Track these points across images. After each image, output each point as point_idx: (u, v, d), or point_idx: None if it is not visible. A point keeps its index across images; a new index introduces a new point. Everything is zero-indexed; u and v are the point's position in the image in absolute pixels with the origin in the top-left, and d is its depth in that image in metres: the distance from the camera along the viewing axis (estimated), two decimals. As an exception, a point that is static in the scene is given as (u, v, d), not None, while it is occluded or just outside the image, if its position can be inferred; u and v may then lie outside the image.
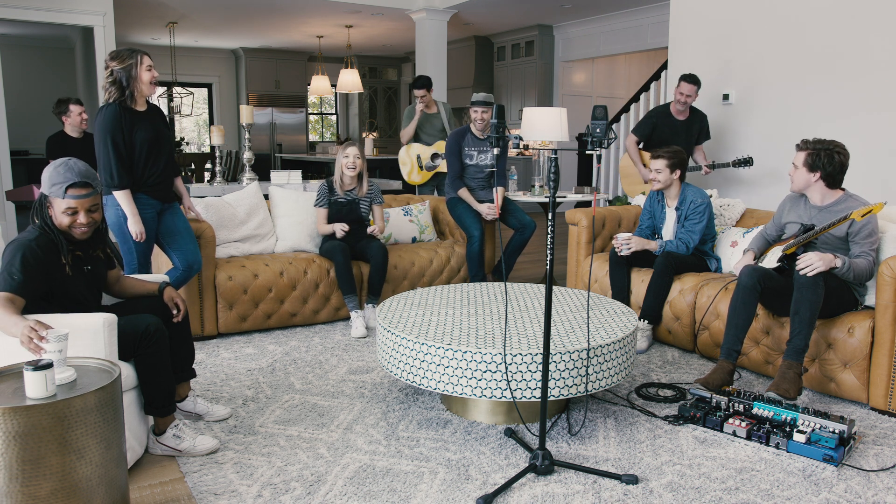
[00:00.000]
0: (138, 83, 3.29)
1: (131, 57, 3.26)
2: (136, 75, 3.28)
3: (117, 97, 3.29)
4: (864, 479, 2.41)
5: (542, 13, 9.28)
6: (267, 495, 2.25)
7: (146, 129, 3.36)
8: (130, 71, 3.26)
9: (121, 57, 3.26)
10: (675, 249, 3.82)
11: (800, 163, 3.13)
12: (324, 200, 4.32)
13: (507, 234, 6.03)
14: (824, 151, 3.05)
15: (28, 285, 2.24)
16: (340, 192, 4.31)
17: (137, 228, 3.35)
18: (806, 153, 3.11)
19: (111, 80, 3.28)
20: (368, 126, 13.45)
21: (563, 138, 2.78)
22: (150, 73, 3.32)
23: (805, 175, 3.13)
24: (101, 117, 3.29)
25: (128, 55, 3.26)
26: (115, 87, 3.28)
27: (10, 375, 2.02)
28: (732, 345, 3.11)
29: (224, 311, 3.96)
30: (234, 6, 8.85)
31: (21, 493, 1.78)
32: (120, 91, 3.28)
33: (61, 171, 2.35)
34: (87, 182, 2.38)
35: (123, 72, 3.26)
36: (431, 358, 2.60)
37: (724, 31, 5.34)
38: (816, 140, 3.11)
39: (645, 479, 2.38)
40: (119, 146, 3.28)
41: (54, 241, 2.36)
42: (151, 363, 2.41)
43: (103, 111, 3.31)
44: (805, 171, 3.12)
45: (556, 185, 2.36)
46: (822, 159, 3.06)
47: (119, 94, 3.29)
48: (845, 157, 3.07)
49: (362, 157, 4.30)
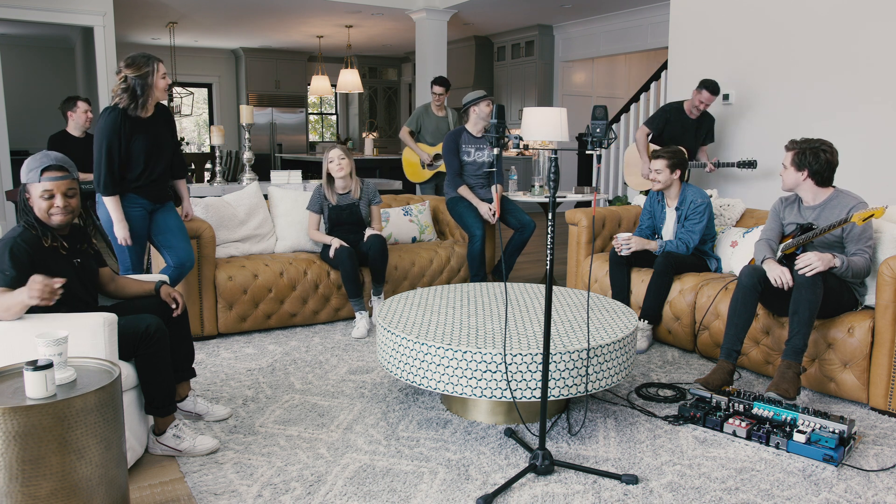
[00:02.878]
0: (153, 91, 3.25)
1: (148, 64, 3.20)
2: (152, 83, 3.23)
3: (127, 104, 3.23)
4: (864, 479, 2.41)
5: (542, 13, 9.27)
6: (267, 495, 2.25)
7: (145, 138, 3.32)
8: (147, 79, 3.21)
9: (137, 64, 3.19)
10: (675, 249, 3.82)
11: (788, 163, 3.19)
12: (317, 205, 4.29)
13: (507, 233, 6.03)
14: (809, 150, 3.10)
15: (22, 280, 2.24)
16: (332, 198, 4.27)
17: (123, 234, 3.34)
18: (793, 153, 3.17)
19: (124, 86, 3.21)
20: (368, 126, 13.45)
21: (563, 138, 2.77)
22: (165, 81, 3.29)
23: (794, 174, 3.18)
24: (102, 122, 3.26)
25: (144, 62, 3.19)
26: (127, 94, 3.22)
27: (10, 375, 2.02)
28: (732, 345, 3.11)
29: (224, 311, 3.96)
30: (234, 6, 8.85)
31: (21, 493, 1.78)
32: (132, 98, 3.22)
33: (37, 158, 2.40)
34: (62, 166, 2.41)
35: (139, 80, 3.20)
36: (431, 358, 2.60)
37: (723, 31, 5.34)
38: (803, 140, 3.17)
39: (645, 479, 2.38)
40: (113, 154, 3.25)
41: (38, 235, 2.38)
42: (152, 363, 2.41)
43: (105, 115, 3.27)
44: (793, 171, 3.17)
45: (556, 185, 2.37)
46: (808, 158, 3.10)
47: (130, 101, 3.22)
48: (832, 154, 3.11)
49: (347, 157, 4.25)
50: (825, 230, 3.01)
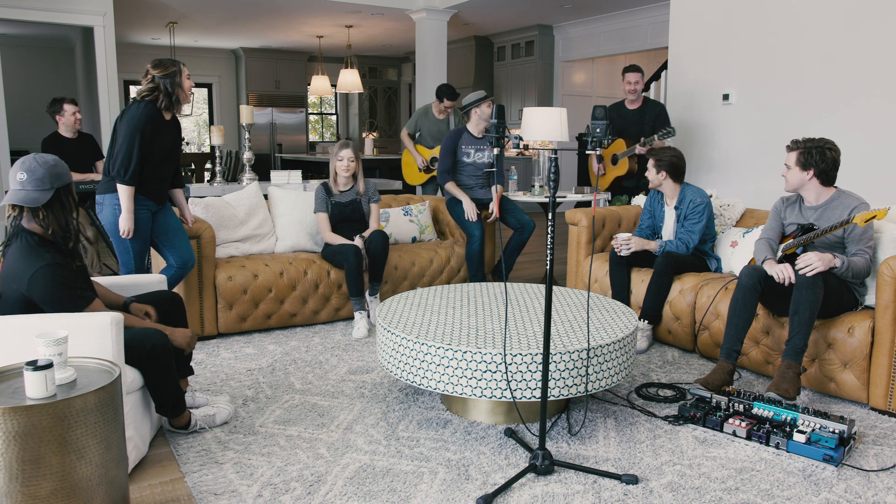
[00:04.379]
0: (182, 91, 3.38)
1: (174, 65, 3.36)
2: (179, 82, 3.36)
3: (161, 101, 3.34)
4: (864, 479, 2.41)
5: (542, 13, 9.27)
6: (267, 495, 2.25)
7: (167, 137, 3.43)
8: (174, 77, 3.34)
9: (164, 65, 3.34)
10: (674, 249, 3.82)
11: (792, 162, 3.15)
12: (323, 205, 4.29)
13: (507, 233, 6.03)
14: (816, 149, 3.07)
15: (90, 288, 2.38)
16: (336, 190, 4.30)
17: (127, 225, 3.36)
18: (797, 152, 3.13)
19: (152, 86, 3.32)
20: (368, 126, 13.45)
21: (563, 138, 2.77)
22: (190, 82, 3.43)
23: (798, 174, 3.14)
24: (137, 111, 3.30)
25: (170, 63, 3.36)
26: (162, 94, 3.33)
27: (10, 375, 2.02)
28: (732, 345, 3.11)
29: (224, 311, 3.96)
30: (234, 6, 8.85)
31: (21, 493, 1.78)
32: (168, 98, 3.34)
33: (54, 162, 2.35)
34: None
35: (167, 79, 3.32)
36: (431, 358, 2.60)
37: (723, 30, 5.34)
38: (806, 139, 3.14)
39: (645, 479, 2.38)
40: (144, 145, 3.32)
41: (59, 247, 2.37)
42: (159, 374, 2.47)
43: (139, 106, 3.32)
44: (798, 171, 3.14)
45: (556, 185, 2.37)
46: (815, 157, 3.08)
47: (165, 98, 3.34)
48: (836, 153, 3.10)
49: (357, 160, 4.28)
50: (826, 231, 3.00)
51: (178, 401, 2.58)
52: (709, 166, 5.51)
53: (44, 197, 2.28)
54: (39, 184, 2.27)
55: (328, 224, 4.28)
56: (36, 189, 2.27)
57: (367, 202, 4.38)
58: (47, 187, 2.29)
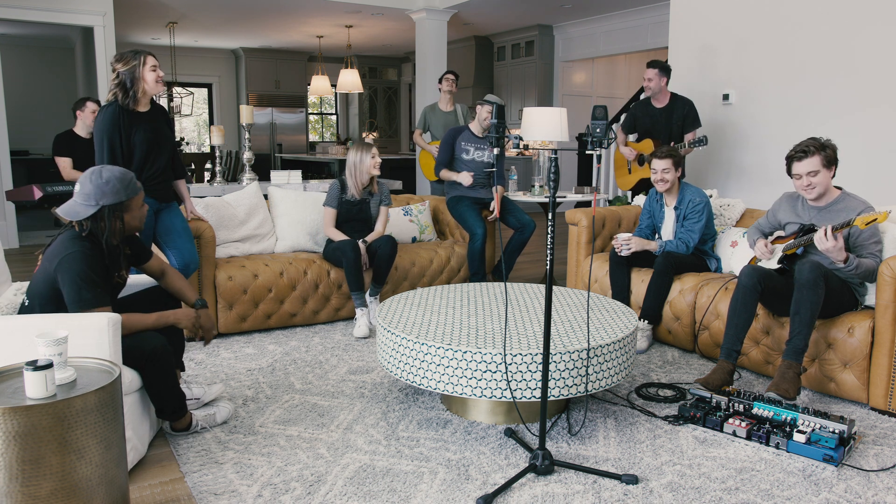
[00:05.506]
0: (142, 84, 3.32)
1: (135, 58, 3.29)
2: (139, 76, 3.30)
3: (121, 98, 3.31)
4: (864, 479, 2.41)
5: (542, 13, 9.27)
6: (267, 495, 2.25)
7: (146, 129, 3.37)
8: (134, 72, 3.29)
9: (125, 59, 3.28)
10: (674, 249, 3.82)
11: (818, 166, 3.06)
12: (334, 201, 4.28)
13: (507, 233, 6.03)
14: (829, 147, 3.07)
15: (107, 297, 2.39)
16: (356, 192, 4.27)
17: None
18: (820, 156, 3.05)
19: (117, 82, 3.30)
20: (368, 126, 13.45)
21: (563, 138, 2.77)
22: (155, 73, 3.35)
23: (826, 174, 3.08)
24: (100, 118, 3.32)
25: (131, 56, 3.29)
26: (119, 88, 3.30)
27: (10, 375, 2.02)
28: (732, 345, 3.11)
29: (224, 311, 3.96)
30: (234, 6, 8.85)
31: (21, 493, 1.78)
32: (124, 93, 3.30)
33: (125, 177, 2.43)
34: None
35: (128, 73, 3.28)
36: (431, 358, 2.60)
37: (723, 30, 5.34)
38: (811, 139, 3.10)
39: (645, 479, 2.38)
40: (115, 148, 3.30)
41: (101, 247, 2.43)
42: (156, 379, 2.47)
43: (102, 111, 3.34)
44: (825, 171, 3.07)
45: (556, 185, 2.37)
46: (832, 154, 3.08)
47: (123, 94, 3.30)
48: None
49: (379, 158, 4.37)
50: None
51: (179, 404, 2.58)
52: (709, 166, 5.51)
53: (85, 212, 2.37)
54: (85, 198, 2.37)
55: (333, 219, 4.27)
56: (82, 203, 2.37)
57: (378, 204, 4.38)
58: (92, 203, 2.37)
